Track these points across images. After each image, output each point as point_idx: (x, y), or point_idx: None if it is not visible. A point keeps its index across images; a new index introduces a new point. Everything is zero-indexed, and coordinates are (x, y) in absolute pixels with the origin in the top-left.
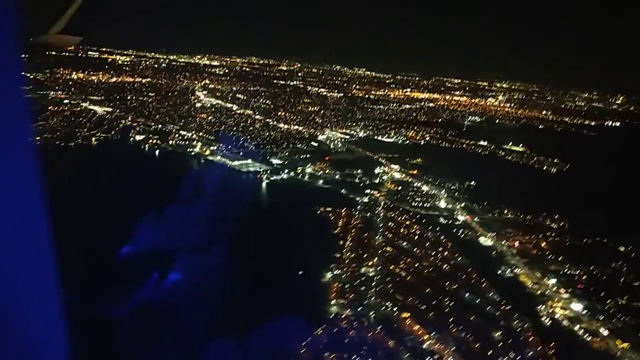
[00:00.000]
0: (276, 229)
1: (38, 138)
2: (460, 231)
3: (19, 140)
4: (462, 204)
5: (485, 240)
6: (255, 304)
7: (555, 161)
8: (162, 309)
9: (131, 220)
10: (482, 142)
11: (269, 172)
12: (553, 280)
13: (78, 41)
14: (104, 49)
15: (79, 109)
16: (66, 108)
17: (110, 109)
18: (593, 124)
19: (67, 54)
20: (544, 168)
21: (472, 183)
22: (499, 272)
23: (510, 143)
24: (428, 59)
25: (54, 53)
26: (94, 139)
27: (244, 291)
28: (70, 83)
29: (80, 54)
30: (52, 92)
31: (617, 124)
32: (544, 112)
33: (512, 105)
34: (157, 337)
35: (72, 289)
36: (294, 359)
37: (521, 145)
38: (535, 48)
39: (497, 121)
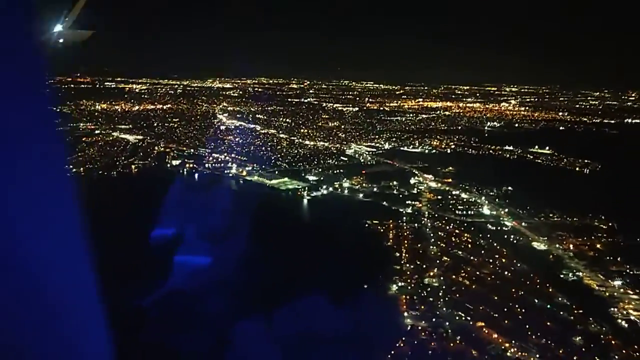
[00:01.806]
0: (328, 243)
1: (82, 169)
2: (512, 237)
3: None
4: (506, 210)
5: (539, 245)
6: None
7: (585, 161)
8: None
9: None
10: (507, 147)
11: (307, 188)
12: (618, 282)
13: (88, 35)
14: (118, 79)
15: (111, 138)
16: (99, 138)
17: (140, 137)
18: (613, 122)
19: (84, 85)
20: (577, 169)
21: (510, 188)
22: (562, 276)
23: (537, 146)
24: (432, 68)
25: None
26: (133, 166)
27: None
28: (96, 114)
29: (97, 85)
30: (81, 124)
31: (638, 120)
32: (560, 114)
33: (527, 108)
34: (187, 324)
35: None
36: None
37: (547, 147)
38: (535, 50)
39: (516, 125)
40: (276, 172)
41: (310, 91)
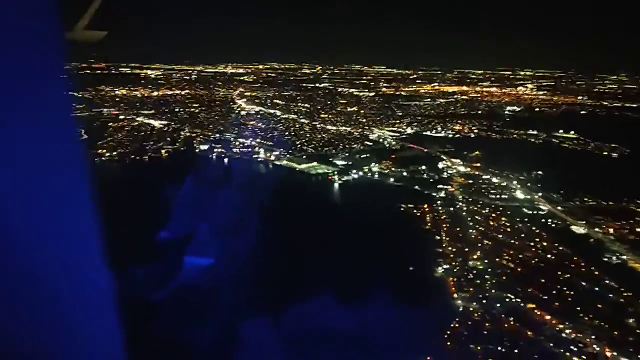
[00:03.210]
0: (366, 227)
1: (114, 153)
2: (549, 221)
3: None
4: (539, 194)
5: (578, 229)
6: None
7: (613, 146)
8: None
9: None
10: (531, 131)
11: (337, 173)
12: None
13: (103, 36)
14: (133, 64)
15: (136, 123)
16: (125, 123)
17: (165, 122)
18: (635, 106)
19: (99, 72)
20: (604, 153)
21: (540, 172)
22: (606, 259)
23: (561, 130)
24: (444, 52)
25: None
26: (163, 151)
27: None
28: (117, 99)
29: (113, 71)
30: (104, 110)
31: None
32: (579, 98)
33: (545, 92)
34: (195, 319)
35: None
36: (442, 351)
37: (572, 132)
38: (548, 34)
39: (536, 109)
40: (304, 157)
41: (324, 76)
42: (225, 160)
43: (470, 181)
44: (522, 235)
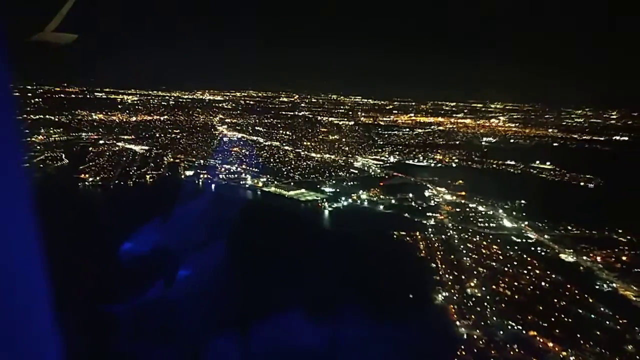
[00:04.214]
0: (362, 253)
1: (97, 178)
2: (539, 249)
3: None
4: (525, 222)
5: (567, 257)
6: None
7: (588, 177)
8: (165, 307)
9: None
10: (509, 162)
11: (326, 200)
12: None
13: (73, 39)
14: (107, 90)
15: (117, 148)
16: (105, 148)
17: (146, 147)
18: (602, 139)
19: (74, 95)
20: (581, 184)
21: (523, 202)
22: (597, 287)
23: (538, 161)
24: (417, 83)
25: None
26: (148, 176)
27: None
28: (95, 124)
29: (87, 95)
30: (83, 134)
31: (626, 137)
32: (549, 130)
33: (517, 124)
34: (161, 335)
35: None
36: None
37: (548, 163)
38: (515, 68)
39: (511, 141)
40: (291, 184)
41: (302, 105)
42: (213, 186)
43: (458, 209)
44: (515, 263)
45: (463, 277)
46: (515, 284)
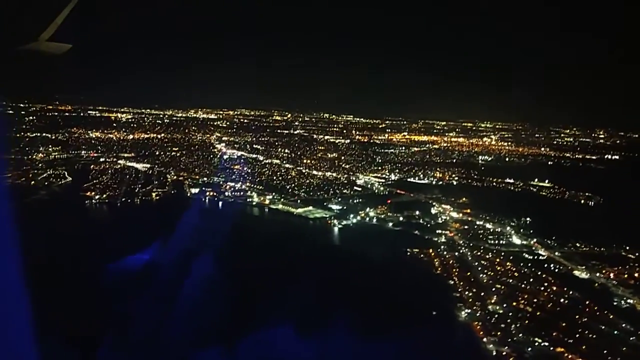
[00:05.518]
0: (377, 271)
1: (104, 196)
2: (552, 266)
3: None
4: (534, 239)
5: (580, 274)
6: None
7: (587, 194)
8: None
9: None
10: (508, 180)
11: (334, 217)
12: None
13: (67, 48)
14: (100, 108)
15: (119, 166)
16: (107, 166)
17: (148, 165)
18: (594, 157)
19: (67, 113)
20: (582, 202)
21: (528, 219)
22: (615, 303)
23: (536, 179)
24: (407, 102)
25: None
26: (154, 194)
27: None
28: (93, 142)
29: (81, 113)
30: (82, 152)
31: (617, 157)
32: (542, 149)
33: (509, 143)
34: (149, 348)
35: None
36: None
37: (546, 181)
38: (502, 87)
39: (507, 159)
40: (298, 201)
41: (295, 123)
42: (220, 204)
43: (466, 226)
44: (531, 279)
45: (482, 293)
46: (535, 300)
